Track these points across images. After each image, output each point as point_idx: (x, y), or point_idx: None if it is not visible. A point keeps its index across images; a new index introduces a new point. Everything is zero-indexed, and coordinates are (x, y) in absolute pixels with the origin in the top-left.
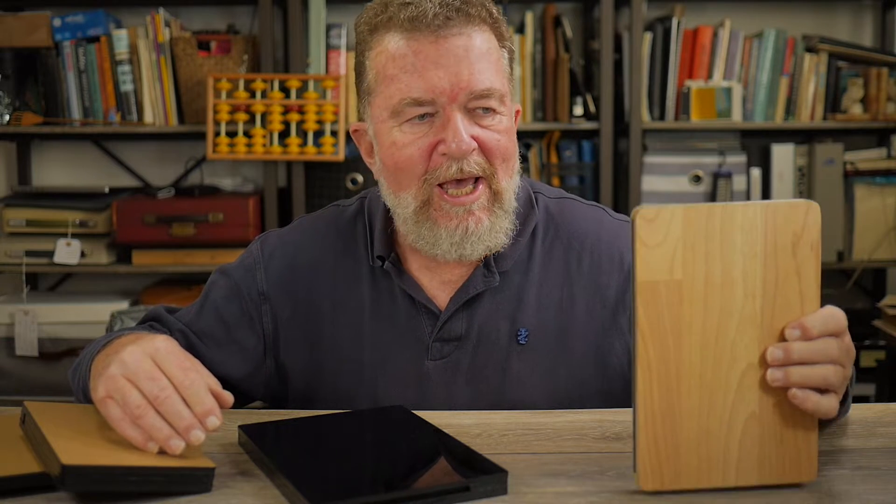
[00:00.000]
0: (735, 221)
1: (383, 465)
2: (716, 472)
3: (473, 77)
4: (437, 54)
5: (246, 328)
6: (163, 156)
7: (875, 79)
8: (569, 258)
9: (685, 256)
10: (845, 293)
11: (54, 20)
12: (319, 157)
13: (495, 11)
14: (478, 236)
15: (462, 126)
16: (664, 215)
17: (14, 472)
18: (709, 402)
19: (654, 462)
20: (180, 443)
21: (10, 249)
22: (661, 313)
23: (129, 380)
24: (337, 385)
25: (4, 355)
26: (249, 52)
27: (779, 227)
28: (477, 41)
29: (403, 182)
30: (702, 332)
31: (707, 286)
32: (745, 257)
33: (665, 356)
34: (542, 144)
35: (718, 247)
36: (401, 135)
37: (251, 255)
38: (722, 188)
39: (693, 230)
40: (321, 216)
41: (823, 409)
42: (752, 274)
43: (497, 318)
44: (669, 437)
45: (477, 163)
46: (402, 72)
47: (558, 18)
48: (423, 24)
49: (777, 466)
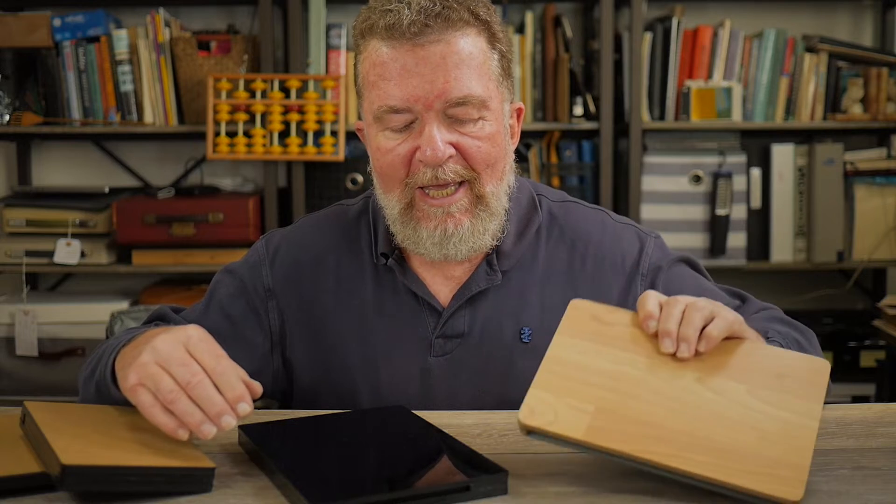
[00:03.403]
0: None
1: (383, 465)
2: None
3: (449, 85)
4: (413, 62)
5: (253, 325)
6: (163, 156)
7: (875, 79)
8: (572, 259)
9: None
10: (845, 293)
11: (54, 20)
12: (319, 157)
13: (483, 12)
14: (459, 237)
15: (437, 134)
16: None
17: (14, 472)
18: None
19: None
20: (212, 428)
21: (10, 249)
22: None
23: (161, 366)
24: (341, 381)
25: (4, 355)
26: (249, 52)
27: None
28: (458, 46)
29: (387, 185)
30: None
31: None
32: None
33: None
34: (542, 144)
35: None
36: (384, 140)
37: (256, 252)
38: (722, 188)
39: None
40: (325, 214)
41: (717, 331)
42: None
43: (500, 316)
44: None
45: (453, 170)
46: (381, 79)
47: (558, 18)
48: (400, 31)
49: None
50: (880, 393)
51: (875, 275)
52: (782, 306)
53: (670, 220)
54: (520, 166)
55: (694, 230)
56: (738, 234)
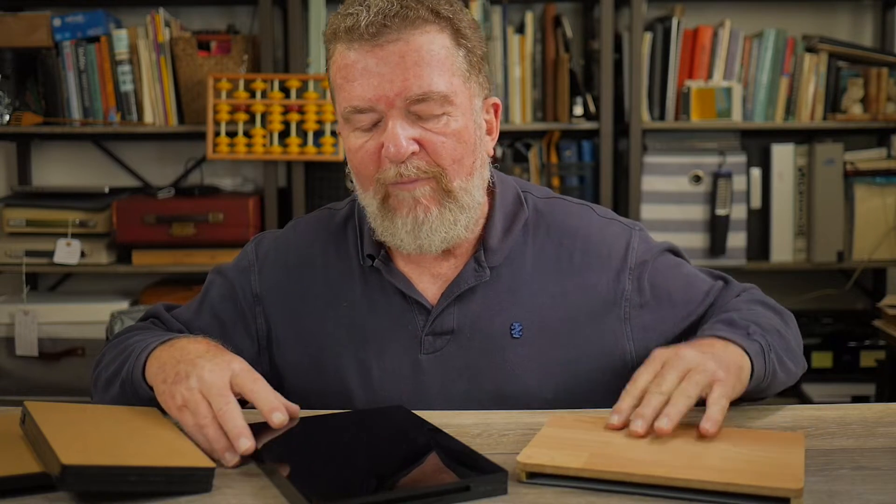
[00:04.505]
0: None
1: (383, 465)
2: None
3: (409, 82)
4: (373, 62)
5: (240, 329)
6: (163, 156)
7: (875, 79)
8: (560, 254)
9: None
10: (845, 293)
11: (54, 20)
12: (319, 157)
13: (445, 10)
14: (429, 226)
15: (400, 131)
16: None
17: (14, 472)
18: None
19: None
20: (235, 456)
21: (10, 249)
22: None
23: (203, 394)
24: (333, 382)
25: (4, 355)
26: (249, 52)
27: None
28: (416, 44)
29: (363, 183)
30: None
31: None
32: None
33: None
34: (542, 144)
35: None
36: (353, 139)
37: (246, 256)
38: (722, 188)
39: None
40: (314, 217)
41: (713, 416)
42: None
43: (490, 312)
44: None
45: (416, 166)
46: (346, 81)
47: (558, 18)
48: (359, 33)
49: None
50: (880, 393)
51: (875, 275)
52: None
53: (670, 220)
54: (520, 166)
55: (694, 230)
56: (738, 234)
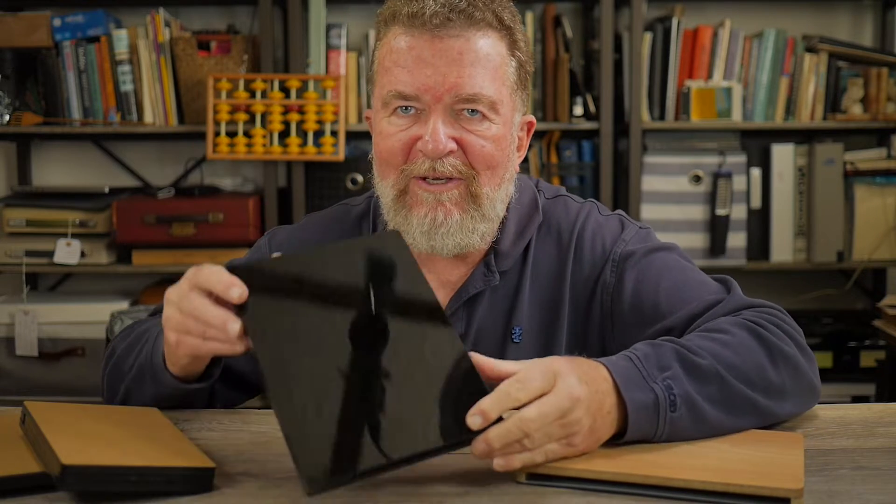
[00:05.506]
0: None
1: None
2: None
3: (462, 80)
4: (430, 53)
5: None
6: (163, 156)
7: (875, 79)
8: (559, 253)
9: None
10: (845, 293)
11: (54, 20)
12: (319, 157)
13: (507, 18)
14: (447, 228)
15: (441, 127)
16: None
17: (14, 472)
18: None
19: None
20: (236, 322)
21: (10, 249)
22: None
23: (178, 309)
24: None
25: (4, 355)
26: (249, 52)
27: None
28: (476, 45)
29: (384, 171)
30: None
31: None
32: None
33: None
34: (542, 144)
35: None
36: (387, 125)
37: (260, 249)
38: (722, 188)
39: None
40: (329, 214)
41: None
42: None
43: (494, 316)
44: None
45: (452, 164)
46: (395, 65)
47: (558, 18)
48: (421, 21)
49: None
50: (880, 393)
51: (875, 275)
52: (782, 306)
53: (670, 220)
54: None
55: (694, 230)
56: (738, 234)
